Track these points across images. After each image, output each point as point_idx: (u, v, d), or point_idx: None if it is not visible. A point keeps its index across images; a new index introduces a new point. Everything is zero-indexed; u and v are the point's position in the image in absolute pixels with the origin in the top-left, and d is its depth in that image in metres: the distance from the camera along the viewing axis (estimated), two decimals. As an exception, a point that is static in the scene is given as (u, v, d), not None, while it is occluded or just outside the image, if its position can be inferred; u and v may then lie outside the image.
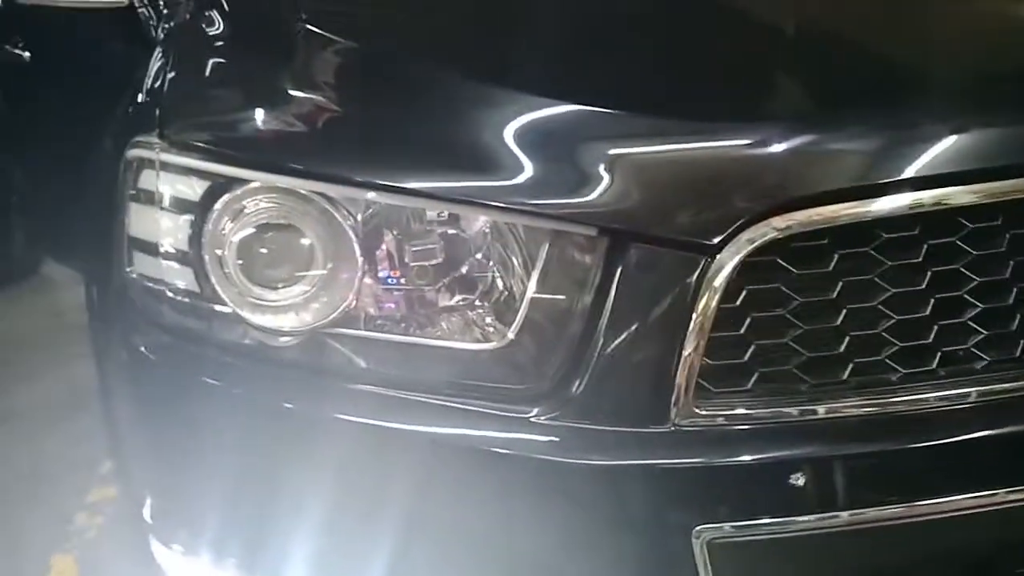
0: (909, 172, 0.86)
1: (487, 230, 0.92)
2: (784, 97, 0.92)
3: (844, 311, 0.88)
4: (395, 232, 0.93)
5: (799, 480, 0.87)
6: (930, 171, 0.86)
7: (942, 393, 0.90)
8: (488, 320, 0.93)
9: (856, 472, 0.89)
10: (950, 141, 0.87)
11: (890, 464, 0.90)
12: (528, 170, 0.88)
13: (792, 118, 0.89)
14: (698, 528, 0.86)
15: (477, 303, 0.93)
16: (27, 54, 2.23)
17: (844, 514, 0.88)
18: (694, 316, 0.85)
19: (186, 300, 0.99)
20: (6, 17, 2.24)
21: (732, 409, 0.88)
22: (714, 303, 0.85)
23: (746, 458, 0.87)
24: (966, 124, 0.88)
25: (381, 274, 0.94)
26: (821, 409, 0.88)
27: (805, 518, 0.87)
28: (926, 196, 0.86)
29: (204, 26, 1.13)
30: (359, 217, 0.93)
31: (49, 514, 2.06)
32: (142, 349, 1.03)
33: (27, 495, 2.13)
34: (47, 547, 1.97)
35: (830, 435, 0.88)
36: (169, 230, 0.99)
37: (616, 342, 0.87)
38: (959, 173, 0.86)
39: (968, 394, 0.90)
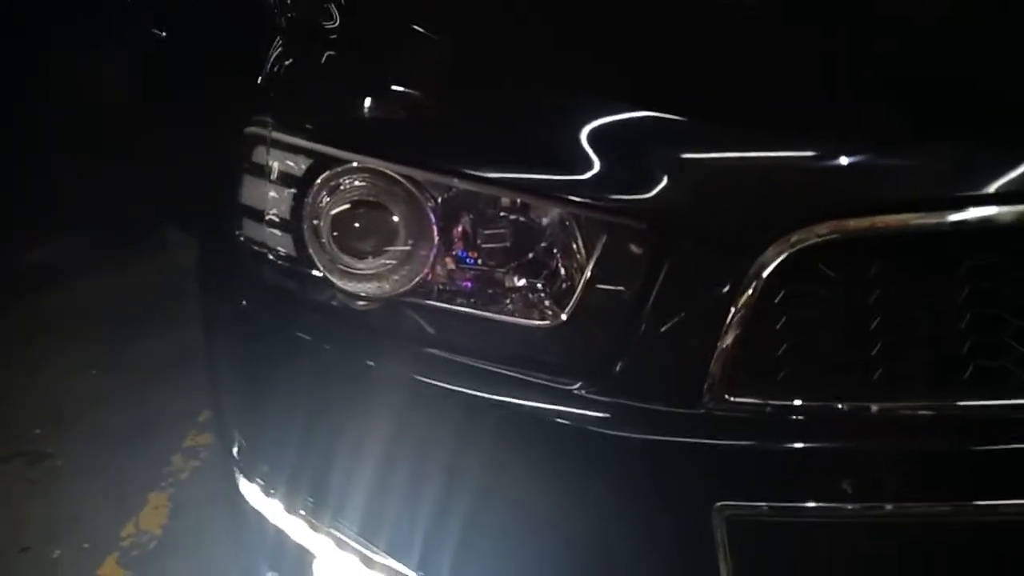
0: (955, 189, 0.88)
1: (554, 220, 1.00)
2: (839, 109, 0.94)
3: (879, 318, 0.91)
4: (471, 216, 1.02)
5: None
6: (975, 190, 0.87)
7: (979, 402, 0.91)
8: (547, 302, 1.01)
9: (862, 467, 0.93)
10: (998, 161, 0.88)
11: (907, 463, 0.94)
12: (594, 167, 0.94)
13: (844, 131, 0.92)
14: (719, 504, 0.92)
15: (539, 285, 1.01)
16: (164, 33, 2.42)
17: (848, 506, 0.92)
18: (732, 310, 0.90)
19: (285, 264, 1.10)
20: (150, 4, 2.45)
21: (761, 399, 0.93)
22: (753, 300, 0.89)
23: (767, 444, 0.92)
24: (1015, 145, 0.88)
25: (455, 253, 1.03)
26: (846, 407, 0.92)
27: (813, 504, 0.92)
28: (970, 214, 0.87)
29: (322, 20, 1.23)
30: (440, 200, 1.02)
31: (150, 455, 2.25)
32: (244, 304, 1.16)
33: (133, 438, 2.32)
34: (146, 484, 2.15)
35: (853, 431, 0.93)
36: (275, 201, 1.10)
37: (657, 329, 0.93)
38: (1004, 193, 0.87)
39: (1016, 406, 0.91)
